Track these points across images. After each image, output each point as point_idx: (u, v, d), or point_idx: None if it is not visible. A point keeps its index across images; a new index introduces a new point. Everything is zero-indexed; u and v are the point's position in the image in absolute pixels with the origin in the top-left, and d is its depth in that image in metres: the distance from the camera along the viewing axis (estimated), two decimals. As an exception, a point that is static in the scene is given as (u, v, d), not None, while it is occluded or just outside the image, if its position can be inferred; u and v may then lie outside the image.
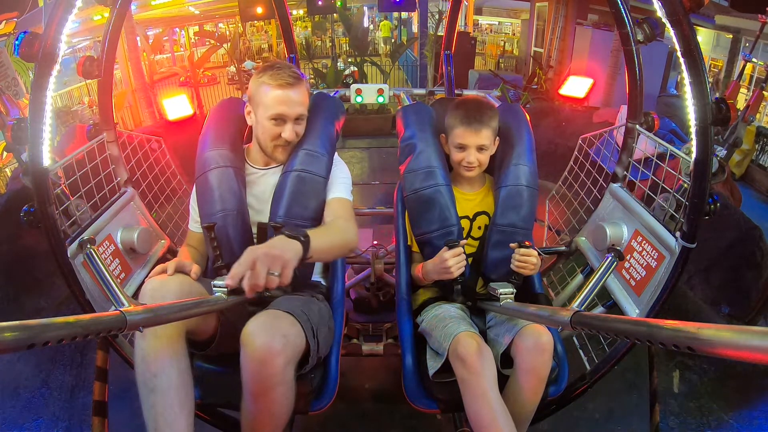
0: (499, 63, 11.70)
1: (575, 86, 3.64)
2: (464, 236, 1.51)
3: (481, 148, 1.45)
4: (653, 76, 6.63)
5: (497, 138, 1.51)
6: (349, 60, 9.32)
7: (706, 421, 2.07)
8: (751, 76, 7.20)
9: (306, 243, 1.05)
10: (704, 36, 8.59)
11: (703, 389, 2.21)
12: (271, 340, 1.07)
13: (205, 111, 7.51)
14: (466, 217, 1.53)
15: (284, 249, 1.00)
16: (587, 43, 7.39)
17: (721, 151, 1.32)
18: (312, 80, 8.32)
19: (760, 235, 2.55)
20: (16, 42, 1.14)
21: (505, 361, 1.29)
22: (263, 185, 1.42)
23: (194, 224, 1.47)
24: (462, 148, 1.46)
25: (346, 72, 8.18)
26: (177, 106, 3.31)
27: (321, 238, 1.13)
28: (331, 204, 1.40)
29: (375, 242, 2.41)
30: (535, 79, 7.51)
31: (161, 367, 1.08)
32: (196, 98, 7.19)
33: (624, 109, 3.47)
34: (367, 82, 8.21)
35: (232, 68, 10.41)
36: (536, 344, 1.21)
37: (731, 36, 7.74)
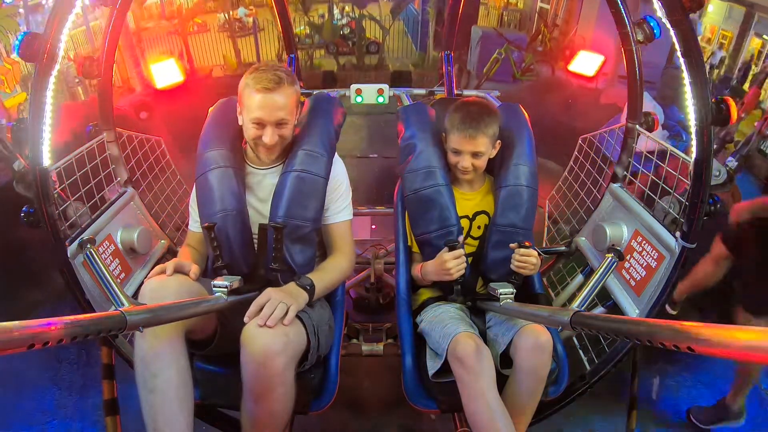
0: (502, 16, 10.68)
1: (585, 63, 3.38)
2: (464, 235, 1.51)
3: (476, 154, 1.45)
4: (661, 46, 6.40)
5: (498, 141, 1.50)
6: (346, 9, 8.82)
7: (684, 429, 2.12)
8: (760, 52, 6.89)
9: (312, 292, 1.26)
10: (716, 7, 8.24)
11: (679, 398, 2.25)
12: (271, 341, 1.08)
13: (195, 65, 7.04)
14: (466, 216, 1.53)
15: (295, 296, 1.19)
16: (596, 5, 6.87)
17: (732, 163, 1.31)
18: (306, 30, 7.82)
19: None
20: (17, 42, 1.15)
21: (505, 361, 1.29)
22: (263, 185, 1.42)
23: (194, 224, 1.47)
24: (457, 152, 1.46)
25: (343, 21, 7.77)
26: (165, 72, 3.07)
27: (323, 282, 1.33)
28: (333, 230, 1.45)
29: (373, 227, 2.38)
30: (539, 37, 7.12)
31: (160, 367, 1.08)
32: (186, 52, 6.63)
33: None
34: (365, 37, 7.77)
35: (222, 15, 9.71)
36: (535, 344, 1.21)
37: (744, 9, 7.47)
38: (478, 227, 1.54)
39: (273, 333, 1.09)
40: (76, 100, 6.17)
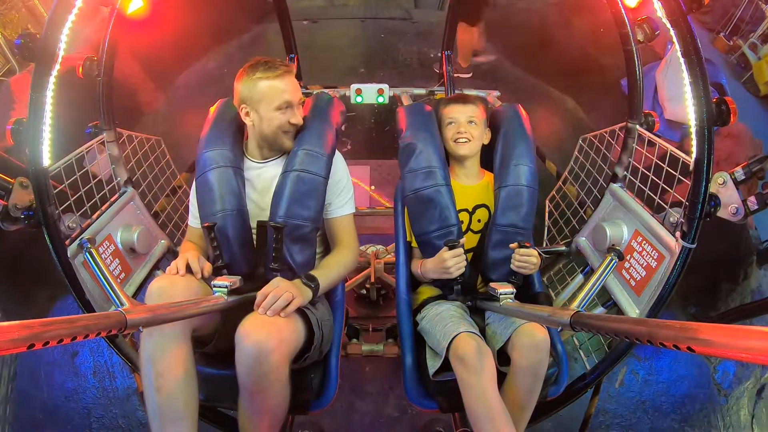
0: None
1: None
2: (463, 230, 1.52)
3: (470, 121, 1.52)
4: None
5: (488, 130, 1.59)
6: None
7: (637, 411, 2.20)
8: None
9: (316, 290, 1.25)
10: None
11: (639, 383, 2.34)
12: (265, 338, 1.08)
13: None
14: (465, 210, 1.54)
15: (299, 292, 1.19)
16: None
17: (753, 205, 1.28)
18: None
19: (753, 261, 2.62)
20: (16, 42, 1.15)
21: (502, 358, 1.29)
22: (263, 178, 1.42)
23: (194, 220, 1.47)
24: (452, 121, 1.54)
25: None
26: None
27: (327, 279, 1.33)
28: (337, 224, 1.46)
29: (372, 188, 2.35)
30: None
31: (167, 365, 1.08)
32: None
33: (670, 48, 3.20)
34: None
35: None
36: (532, 342, 1.21)
37: None
38: (478, 221, 1.55)
39: (267, 330, 1.09)
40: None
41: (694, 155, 1.20)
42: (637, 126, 1.68)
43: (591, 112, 3.19)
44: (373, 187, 2.37)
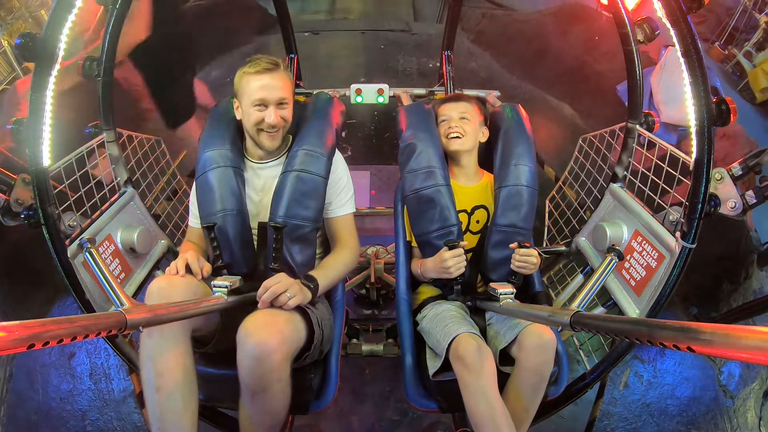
0: None
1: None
2: (462, 230, 1.52)
3: (462, 117, 1.54)
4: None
5: (486, 128, 1.60)
6: None
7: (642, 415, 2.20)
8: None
9: (315, 290, 1.26)
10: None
11: (643, 386, 2.35)
12: (267, 338, 1.08)
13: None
14: (464, 210, 1.54)
15: (299, 290, 1.20)
16: None
17: (751, 198, 1.27)
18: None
19: (754, 260, 2.62)
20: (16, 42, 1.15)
21: (504, 358, 1.29)
22: (263, 178, 1.42)
23: (194, 220, 1.48)
24: (445, 119, 1.56)
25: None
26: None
27: (327, 279, 1.33)
28: (337, 224, 1.46)
29: (372, 193, 2.35)
30: None
31: (167, 365, 1.08)
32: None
33: (669, 51, 3.16)
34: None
35: None
36: (540, 343, 1.21)
37: None
38: (477, 221, 1.55)
39: (268, 330, 1.09)
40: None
41: (694, 155, 1.20)
42: (637, 126, 1.68)
43: (588, 118, 3.21)
44: (373, 192, 2.38)
